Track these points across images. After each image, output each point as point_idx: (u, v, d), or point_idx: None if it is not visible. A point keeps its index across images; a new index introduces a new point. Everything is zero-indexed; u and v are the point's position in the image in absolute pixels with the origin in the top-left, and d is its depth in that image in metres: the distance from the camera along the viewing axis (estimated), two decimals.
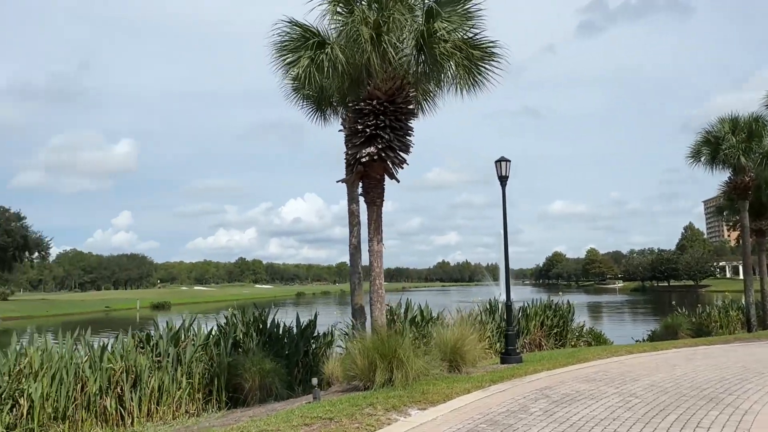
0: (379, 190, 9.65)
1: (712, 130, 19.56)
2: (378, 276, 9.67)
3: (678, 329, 22.42)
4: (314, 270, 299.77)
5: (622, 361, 11.45)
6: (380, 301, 9.72)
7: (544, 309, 19.21)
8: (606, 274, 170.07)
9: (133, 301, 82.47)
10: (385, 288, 11.63)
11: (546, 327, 18.77)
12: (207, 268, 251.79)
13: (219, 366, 12.07)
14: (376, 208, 9.66)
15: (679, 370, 10.05)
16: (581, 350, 13.32)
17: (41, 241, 73.48)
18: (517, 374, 9.81)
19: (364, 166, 9.50)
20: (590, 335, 20.41)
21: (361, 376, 8.81)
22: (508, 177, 12.38)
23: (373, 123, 9.29)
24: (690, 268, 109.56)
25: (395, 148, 9.39)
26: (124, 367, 10.74)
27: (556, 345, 18.81)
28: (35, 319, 59.11)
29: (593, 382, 8.97)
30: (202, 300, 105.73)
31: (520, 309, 19.14)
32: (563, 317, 19.23)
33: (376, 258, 9.65)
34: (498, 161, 12.33)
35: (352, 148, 9.56)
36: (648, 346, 13.66)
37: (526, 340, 18.23)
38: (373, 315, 9.83)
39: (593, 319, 47.36)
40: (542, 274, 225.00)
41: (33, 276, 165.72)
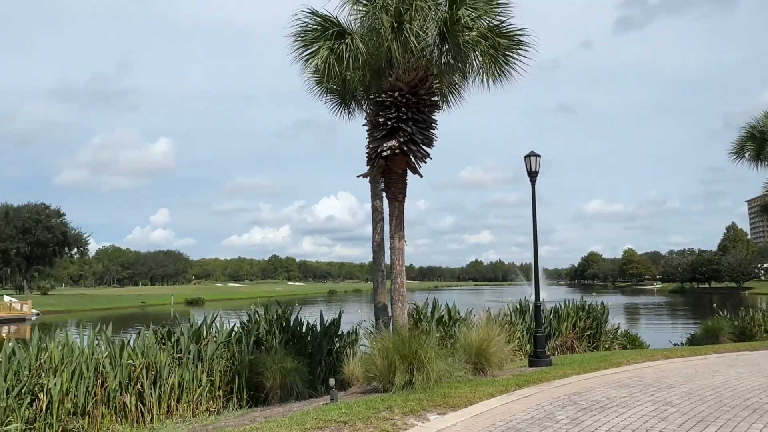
0: (400, 185, 9.32)
1: (758, 125, 18.60)
2: (399, 274, 9.34)
3: (719, 333, 21.43)
4: (346, 268, 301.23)
5: (657, 366, 10.87)
6: (401, 300, 9.39)
7: (576, 310, 18.57)
8: (644, 275, 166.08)
9: (168, 296, 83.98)
10: (416, 287, 11.36)
11: (578, 329, 18.13)
12: (241, 265, 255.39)
13: (240, 364, 11.92)
14: (398, 203, 9.33)
15: (719, 377, 9.45)
16: (614, 354, 12.75)
17: (80, 237, 75.37)
18: (544, 378, 9.36)
19: (385, 160, 9.18)
20: (625, 338, 19.68)
21: (381, 377, 8.51)
22: (537, 173, 11.91)
23: (395, 115, 8.96)
24: (732, 269, 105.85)
25: (418, 141, 9.04)
26: (144, 364, 10.66)
27: (589, 347, 18.17)
28: (73, 314, 60.65)
29: (626, 389, 8.47)
30: (235, 296, 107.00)
31: (552, 310, 18.57)
32: (597, 319, 18.56)
33: (397, 255, 9.32)
34: (527, 156, 11.86)
35: (373, 142, 9.25)
36: (686, 351, 12.99)
37: (557, 342, 17.64)
38: (395, 314, 9.50)
39: (630, 321, 46.09)
40: (577, 275, 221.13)
41: (74, 271, 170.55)
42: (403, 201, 9.41)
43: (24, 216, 69.44)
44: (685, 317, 49.70)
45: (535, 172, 11.86)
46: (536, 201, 11.94)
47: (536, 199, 11.95)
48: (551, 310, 18.51)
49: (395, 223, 9.30)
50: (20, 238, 68.95)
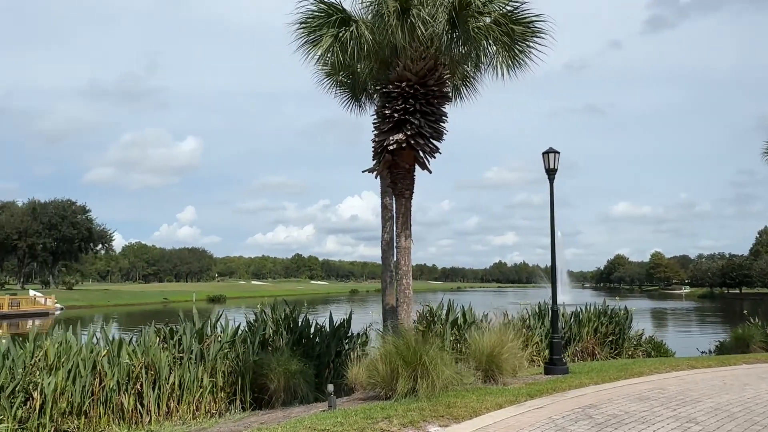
0: (408, 181, 8.82)
1: None
2: (406, 275, 8.85)
3: (750, 341, 20.44)
4: (369, 268, 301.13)
5: (682, 377, 10.19)
6: (407, 302, 8.90)
7: (598, 315, 17.83)
8: (672, 279, 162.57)
9: (190, 293, 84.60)
10: (438, 287, 10.88)
11: (600, 334, 17.40)
12: (264, 263, 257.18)
13: (244, 365, 11.56)
14: (405, 200, 8.84)
15: (749, 391, 8.76)
16: (636, 362, 12.07)
17: (105, 234, 76.40)
18: (559, 388, 8.79)
19: (392, 154, 8.71)
20: (650, 344, 18.84)
21: (383, 383, 8.04)
22: (556, 170, 11.31)
23: (402, 107, 8.48)
24: (765, 274, 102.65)
25: (426, 135, 8.54)
26: (144, 363, 10.36)
27: (611, 354, 17.43)
28: (96, 309, 61.45)
29: (646, 402, 7.86)
30: (257, 294, 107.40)
31: (573, 314, 17.87)
32: (619, 324, 17.79)
33: (403, 255, 8.83)
34: (546, 153, 11.27)
35: (379, 135, 8.79)
36: (714, 360, 12.26)
37: (577, 347, 16.95)
38: (400, 317, 9.02)
39: (656, 327, 44.79)
40: (603, 278, 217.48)
41: (100, 267, 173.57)
42: (411, 198, 8.92)
43: (50, 212, 70.65)
44: (714, 324, 48.20)
45: (554, 170, 11.27)
46: (554, 200, 11.34)
47: (554, 199, 11.36)
48: (572, 315, 17.82)
49: (402, 220, 8.82)
50: (46, 234, 70.17)
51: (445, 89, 8.81)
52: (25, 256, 72.77)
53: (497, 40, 8.23)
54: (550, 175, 11.29)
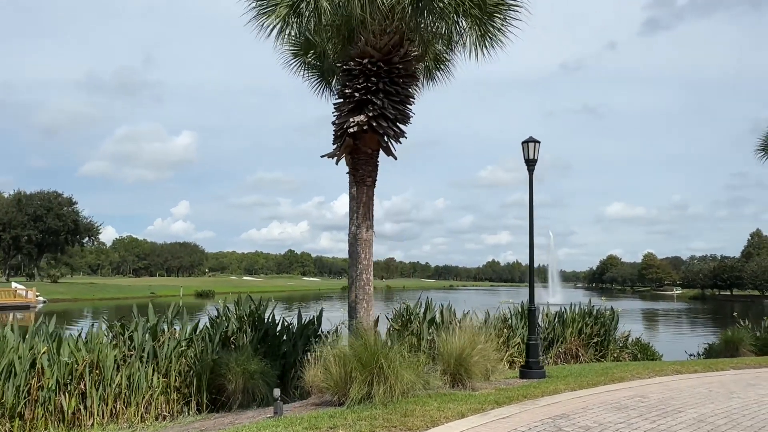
0: (370, 167, 8.11)
1: None
2: (365, 270, 8.14)
3: (739, 344, 19.85)
4: None
5: (666, 383, 9.53)
6: (367, 300, 8.19)
7: (583, 315, 17.19)
8: (663, 280, 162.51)
9: (179, 288, 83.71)
10: (431, 285, 10.21)
11: (585, 335, 16.75)
12: (257, 259, 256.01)
13: (202, 364, 10.83)
14: (366, 188, 8.13)
15: (736, 400, 8.10)
16: (618, 366, 11.41)
17: (92, 226, 75.32)
18: (531, 394, 8.10)
19: (352, 137, 7.98)
20: (636, 346, 18.21)
21: (335, 388, 7.33)
22: (536, 160, 10.62)
23: (363, 86, 7.75)
24: (756, 277, 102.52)
25: (389, 117, 7.82)
26: (88, 361, 9.60)
27: (595, 356, 16.79)
28: (81, 302, 60.52)
29: (624, 411, 7.18)
30: (246, 290, 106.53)
31: (556, 314, 17.22)
32: (605, 325, 17.15)
33: (363, 248, 8.12)
34: (525, 142, 10.58)
35: (340, 117, 8.07)
36: (701, 365, 11.61)
37: (560, 349, 16.30)
38: (358, 315, 8.31)
39: (645, 328, 44.28)
40: (595, 278, 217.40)
41: (91, 260, 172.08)
42: (373, 186, 8.20)
43: (36, 203, 69.46)
44: (704, 325, 47.75)
45: (534, 160, 10.57)
46: (536, 196, 10.67)
47: (534, 191, 10.67)
48: (555, 315, 17.17)
49: (362, 211, 8.10)
50: (31, 226, 68.98)
51: (412, 68, 8.09)
52: (10, 248, 71.60)
53: (467, 13, 7.50)
54: (529, 165, 10.60)
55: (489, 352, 9.76)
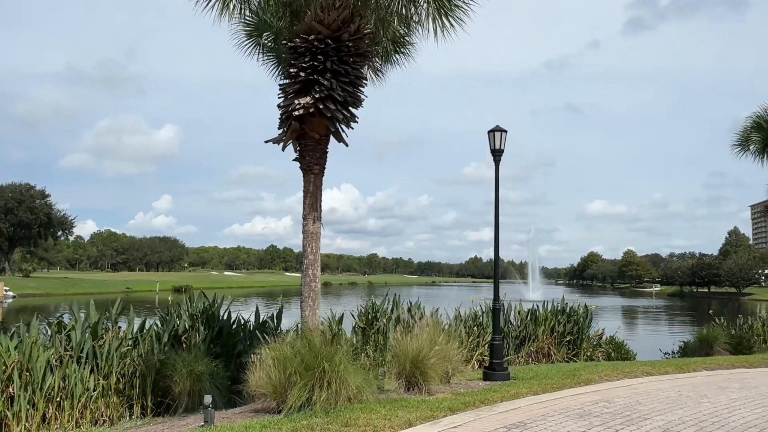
0: (317, 153, 7.47)
1: (765, 114, 16.71)
2: (312, 265, 7.52)
3: (714, 343, 19.59)
4: (344, 260, 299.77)
5: (634, 386, 9.05)
6: (313, 297, 7.58)
7: (556, 313, 16.74)
8: (643, 277, 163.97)
9: (155, 283, 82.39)
10: (413, 281, 9.66)
11: (557, 334, 16.29)
12: (238, 254, 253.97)
13: (147, 365, 10.15)
14: (314, 177, 7.49)
15: (706, 405, 7.63)
16: (587, 367, 10.92)
17: (66, 220, 73.64)
18: (489, 399, 7.55)
19: (299, 121, 7.35)
20: (610, 345, 17.79)
21: (274, 393, 6.72)
22: (503, 150, 10.06)
23: (309, 65, 7.12)
24: (733, 274, 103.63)
25: (338, 99, 7.19)
26: (17, 361, 8.87)
27: (568, 355, 16.36)
28: (53, 298, 59.13)
29: (586, 419, 6.65)
30: (225, 285, 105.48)
31: (529, 312, 16.75)
32: (578, 323, 16.71)
33: (310, 241, 7.50)
34: (492, 131, 10.02)
35: (286, 100, 7.42)
36: (672, 366, 11.18)
37: (532, 347, 15.83)
38: (304, 314, 7.69)
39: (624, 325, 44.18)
40: (576, 275, 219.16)
41: (68, 255, 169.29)
42: (321, 174, 7.57)
43: (6, 195, 67.69)
44: (681, 323, 47.86)
45: (500, 150, 10.02)
46: (500, 183, 10.10)
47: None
48: (528, 312, 16.70)
49: (309, 201, 7.47)
50: (2, 219, 67.25)
51: (364, 46, 7.47)
52: None
53: None
54: (495, 156, 10.04)
55: (451, 352, 9.21)
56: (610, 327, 20.03)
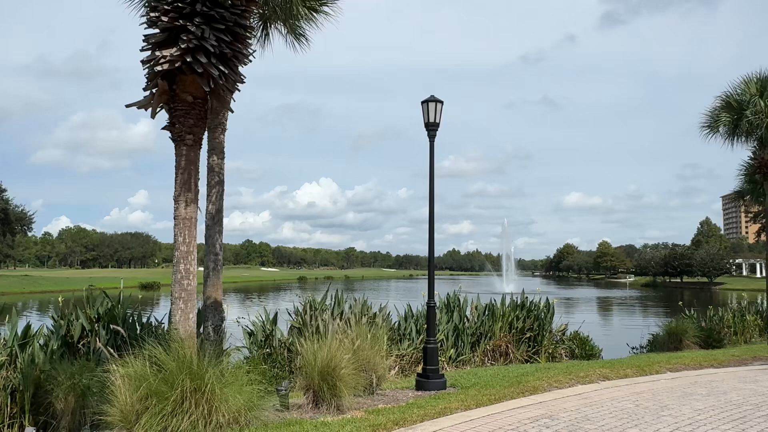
0: (190, 120, 6.02)
1: (734, 93, 15.66)
2: (184, 258, 6.09)
3: (683, 336, 18.58)
4: (322, 254, 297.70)
5: (587, 394, 7.80)
6: (185, 298, 6.15)
7: (515, 308, 15.54)
8: (618, 268, 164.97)
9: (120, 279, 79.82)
10: (392, 275, 8.40)
11: (516, 330, 15.09)
12: None
13: (25, 378, 8.65)
14: (186, 149, 6.04)
15: (666, 420, 6.40)
16: (537, 371, 9.64)
17: (24, 216, 70.78)
18: (407, 419, 6.22)
19: (167, 80, 5.89)
20: (574, 341, 16.65)
21: (123, 422, 5.28)
22: (438, 125, 8.72)
23: (173, 7, 5.66)
24: (704, 264, 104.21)
25: (212, 51, 5.74)
26: None
27: (528, 352, 15.17)
28: (9, 296, 56.61)
29: None
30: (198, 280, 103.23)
31: (486, 307, 15.50)
32: (539, 319, 15.53)
33: (182, 229, 6.06)
34: (426, 102, 8.67)
35: (149, 54, 5.94)
36: (633, 367, 9.97)
37: (488, 346, 14.61)
38: (173, 319, 6.26)
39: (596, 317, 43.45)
40: (552, 266, 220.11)
41: (36, 252, 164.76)
42: (197, 146, 6.13)
43: None
44: (654, 314, 47.31)
45: (435, 124, 8.68)
46: (434, 162, 8.77)
47: (435, 160, 8.78)
48: (485, 307, 15.45)
49: (181, 179, 6.02)
50: None
51: None
52: None
53: None
54: (429, 130, 8.70)
55: (375, 358, 7.89)
56: (576, 321, 18.96)
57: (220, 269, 9.01)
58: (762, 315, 21.31)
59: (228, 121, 8.88)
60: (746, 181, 19.38)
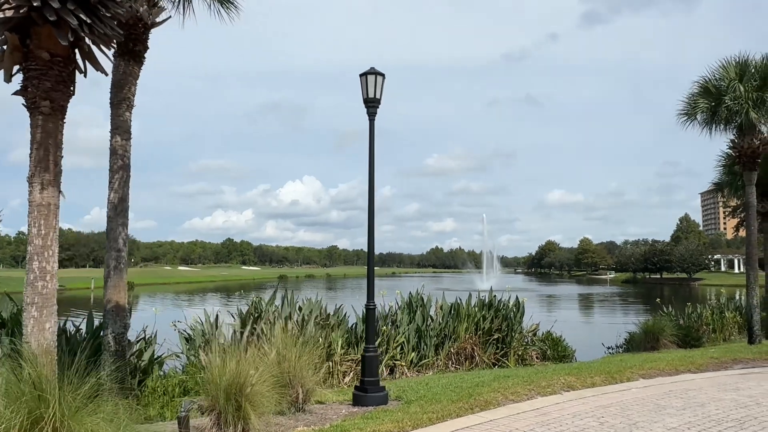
0: (48, 82, 4.85)
1: (713, 78, 14.78)
2: (39, 254, 4.91)
3: (660, 334, 17.74)
4: (304, 253, 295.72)
5: (545, 410, 6.76)
6: (40, 304, 4.97)
7: (482, 307, 14.53)
8: (599, 264, 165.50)
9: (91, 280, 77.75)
10: (375, 273, 7.28)
11: (482, 331, 14.08)
12: (193, 248, 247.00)
13: None
14: (44, 118, 4.87)
15: None
16: (494, 380, 8.55)
17: None
18: None
19: (18, 32, 4.71)
20: (546, 342, 15.69)
21: None
22: (379, 101, 7.62)
23: None
24: (684, 260, 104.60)
25: None
26: None
27: (496, 355, 14.17)
28: None
29: None
30: (173, 280, 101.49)
31: (451, 306, 14.46)
32: (507, 319, 14.53)
33: (37, 217, 4.89)
34: (364, 75, 7.56)
35: None
36: (602, 374, 8.96)
37: (452, 348, 13.58)
38: (26, 328, 5.08)
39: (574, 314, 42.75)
40: (534, 263, 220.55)
41: (11, 251, 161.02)
42: (58, 116, 4.95)
43: None
44: (633, 311, 46.82)
45: (376, 100, 7.58)
46: (374, 141, 7.67)
47: (374, 139, 7.68)
48: (451, 307, 14.41)
49: (37, 156, 4.85)
50: None
51: None
52: None
53: None
54: (369, 106, 7.60)
55: (302, 372, 6.78)
56: (553, 319, 18.02)
57: (123, 268, 7.81)
58: (741, 312, 20.61)
59: (136, 96, 7.67)
60: (725, 173, 18.59)
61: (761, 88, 14.02)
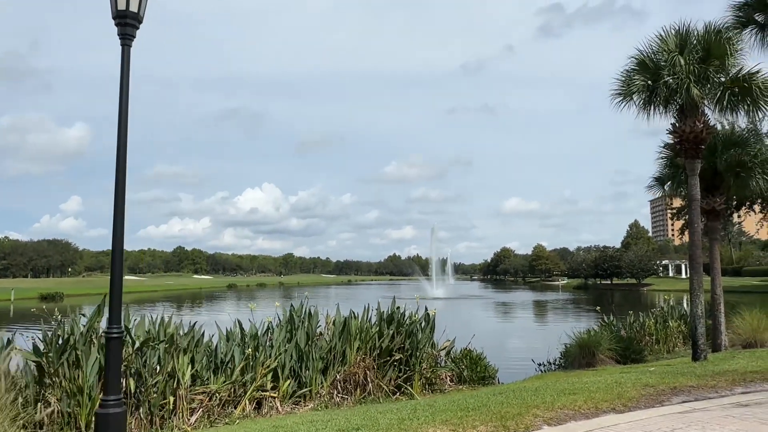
0: None
1: (650, 52, 12.71)
2: None
3: (596, 349, 15.62)
4: (259, 261, 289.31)
5: None
6: None
7: (379, 322, 12.00)
8: (552, 270, 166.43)
9: (19, 290, 72.36)
10: (330, 281, 4.77)
11: (379, 351, 11.54)
12: (142, 257, 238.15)
13: None
14: None
15: None
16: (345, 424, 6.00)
17: None
18: None
19: None
20: (464, 360, 13.24)
21: None
22: (140, 17, 4.97)
23: None
24: (633, 266, 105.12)
25: None
26: None
27: (398, 379, 11.65)
28: None
29: None
30: None
31: (345, 321, 11.88)
32: (411, 335, 12.03)
33: None
34: None
35: None
36: (492, 420, 6.46)
37: (339, 375, 10.97)
38: None
39: (522, 322, 40.87)
40: (490, 270, 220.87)
41: None
42: None
43: None
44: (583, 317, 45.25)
45: (132, 15, 4.91)
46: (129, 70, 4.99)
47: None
48: (343, 322, 11.80)
49: None
50: None
51: None
52: None
53: None
54: (124, 25, 4.92)
55: None
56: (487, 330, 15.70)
57: None
58: (685, 320, 18.77)
59: None
60: (666, 165, 16.62)
61: (704, 60, 11.98)
